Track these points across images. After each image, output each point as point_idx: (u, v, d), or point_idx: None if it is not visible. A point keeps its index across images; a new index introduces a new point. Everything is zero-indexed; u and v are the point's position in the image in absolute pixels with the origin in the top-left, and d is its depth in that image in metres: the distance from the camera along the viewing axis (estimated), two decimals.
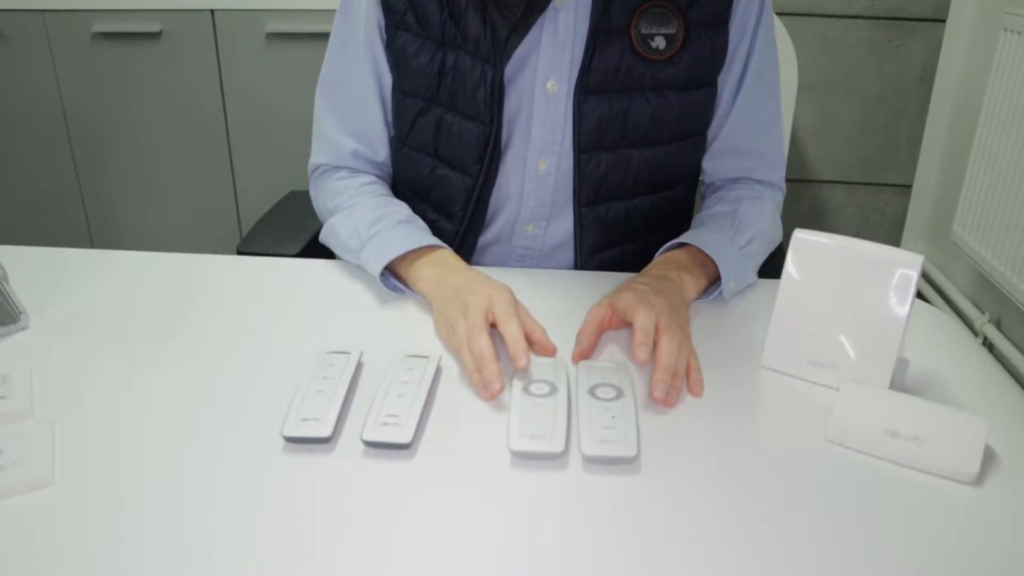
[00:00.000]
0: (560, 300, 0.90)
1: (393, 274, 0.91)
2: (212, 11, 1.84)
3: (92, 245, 2.10)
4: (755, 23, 0.98)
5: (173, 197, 2.03)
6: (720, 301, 0.91)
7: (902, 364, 0.74)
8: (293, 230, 1.15)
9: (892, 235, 2.06)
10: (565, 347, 0.80)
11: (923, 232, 2.02)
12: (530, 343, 0.77)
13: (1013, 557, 0.57)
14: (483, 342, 0.74)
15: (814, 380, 0.76)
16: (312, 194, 1.06)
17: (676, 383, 0.74)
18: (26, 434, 0.66)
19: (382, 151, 1.04)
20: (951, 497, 0.62)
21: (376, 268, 0.88)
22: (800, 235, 0.75)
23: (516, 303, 0.79)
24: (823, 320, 0.74)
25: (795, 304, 0.76)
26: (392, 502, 0.61)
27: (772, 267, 0.99)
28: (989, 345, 1.70)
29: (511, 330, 0.75)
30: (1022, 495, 0.63)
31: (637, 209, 1.02)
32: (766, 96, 1.02)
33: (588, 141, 0.95)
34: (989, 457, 0.66)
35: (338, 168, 1.03)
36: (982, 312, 1.75)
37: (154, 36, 1.86)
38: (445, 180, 1.00)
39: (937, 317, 0.90)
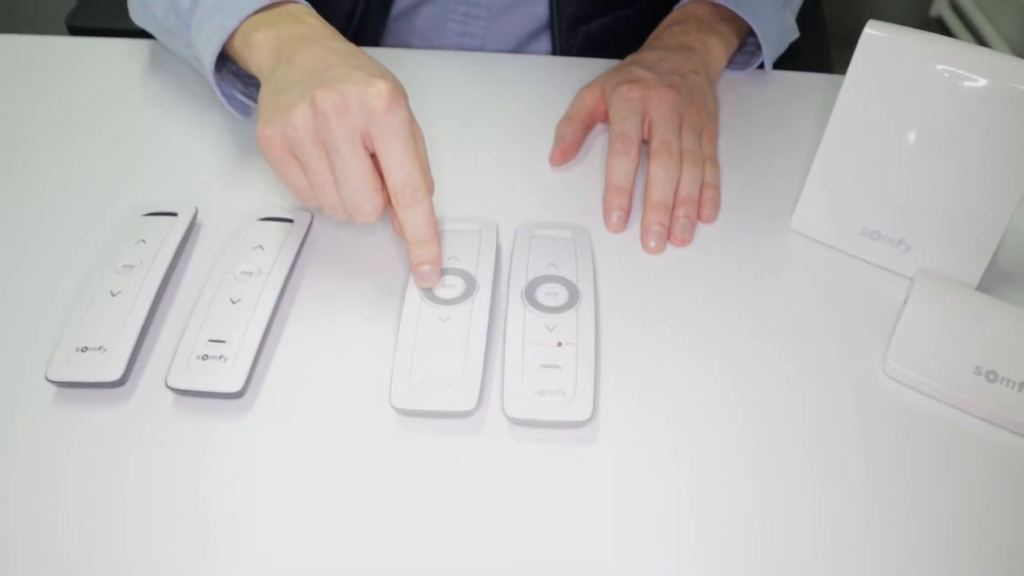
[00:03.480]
0: (523, 104, 0.62)
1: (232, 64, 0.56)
2: None
3: None
4: None
5: None
6: (755, 79, 0.65)
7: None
8: None
9: None
10: (511, 187, 0.54)
11: None
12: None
13: None
14: (374, 203, 0.43)
15: (870, 260, 0.51)
16: None
17: (682, 214, 0.53)
18: None
19: None
20: None
21: (207, 57, 0.51)
22: (875, 31, 0.46)
23: (412, 119, 0.44)
24: (893, 166, 0.48)
25: (853, 141, 0.48)
26: (212, 484, 0.39)
27: (802, 54, 0.70)
28: None
29: (414, 221, 0.44)
30: None
31: None
32: None
33: None
34: None
35: None
36: None
37: None
38: None
39: None
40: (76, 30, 0.79)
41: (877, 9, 1.76)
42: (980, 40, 1.59)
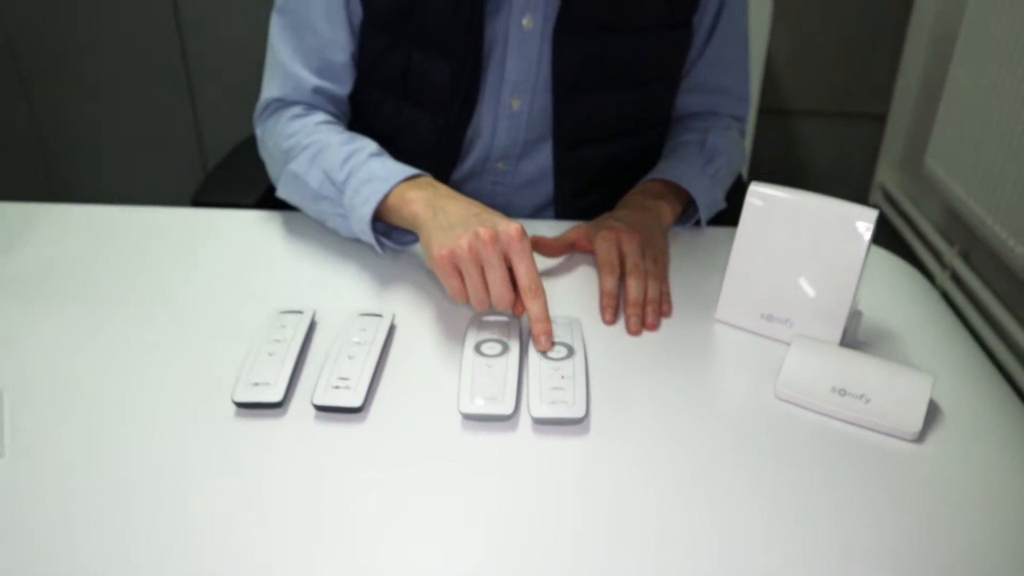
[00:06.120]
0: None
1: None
2: None
3: (50, 193, 2.04)
4: None
5: (133, 141, 1.97)
6: (693, 232, 0.96)
7: (855, 317, 0.74)
8: (254, 176, 1.12)
9: (866, 166, 2.05)
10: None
11: (897, 163, 2.00)
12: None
13: (953, 511, 0.58)
14: (511, 297, 0.70)
15: (767, 334, 0.76)
16: (259, 135, 0.95)
17: (651, 309, 0.78)
18: None
19: (346, 85, 0.95)
20: (894, 454, 0.63)
21: (366, 210, 0.80)
22: (757, 188, 0.74)
23: (530, 246, 0.71)
24: (777, 274, 0.74)
25: (750, 257, 0.75)
26: (343, 467, 0.61)
27: (728, 215, 0.98)
28: (956, 279, 1.71)
29: (536, 308, 0.70)
30: (963, 450, 0.64)
31: (615, 153, 1.02)
32: (737, 35, 1.03)
33: (567, 84, 0.93)
34: (934, 414, 0.66)
35: (293, 104, 0.93)
36: (951, 244, 1.75)
37: None
38: (414, 123, 0.96)
39: (898, 267, 0.90)
40: (200, 204, 1.07)
41: None
42: (911, 223, 1.90)
